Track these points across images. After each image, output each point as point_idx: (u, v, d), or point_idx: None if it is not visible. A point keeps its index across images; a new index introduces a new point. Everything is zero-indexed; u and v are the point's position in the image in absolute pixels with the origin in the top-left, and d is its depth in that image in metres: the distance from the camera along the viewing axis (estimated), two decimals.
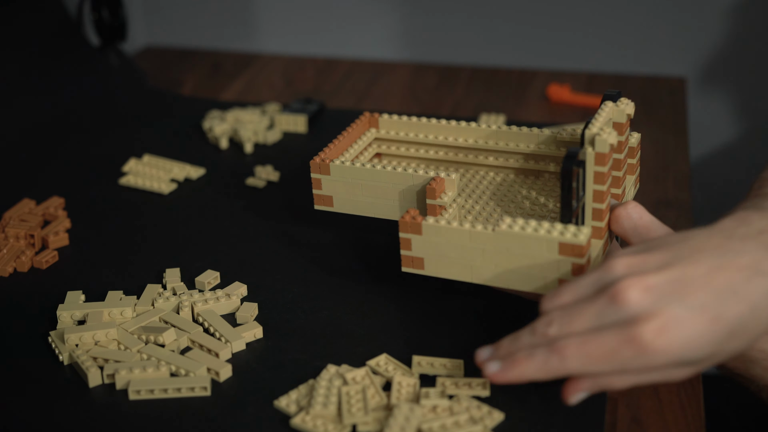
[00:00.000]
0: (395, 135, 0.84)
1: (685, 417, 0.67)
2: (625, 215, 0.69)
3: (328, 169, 0.78)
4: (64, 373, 0.70)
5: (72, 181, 1.00)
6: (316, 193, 0.80)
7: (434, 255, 0.70)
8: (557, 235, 0.65)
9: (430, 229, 0.69)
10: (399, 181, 0.76)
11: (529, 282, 0.68)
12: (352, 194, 0.78)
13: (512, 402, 0.66)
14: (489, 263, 0.68)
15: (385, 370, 0.68)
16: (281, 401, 0.66)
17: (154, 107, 1.19)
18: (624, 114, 0.72)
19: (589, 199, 0.68)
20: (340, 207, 0.79)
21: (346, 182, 0.78)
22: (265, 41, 1.49)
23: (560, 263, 0.66)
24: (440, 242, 0.69)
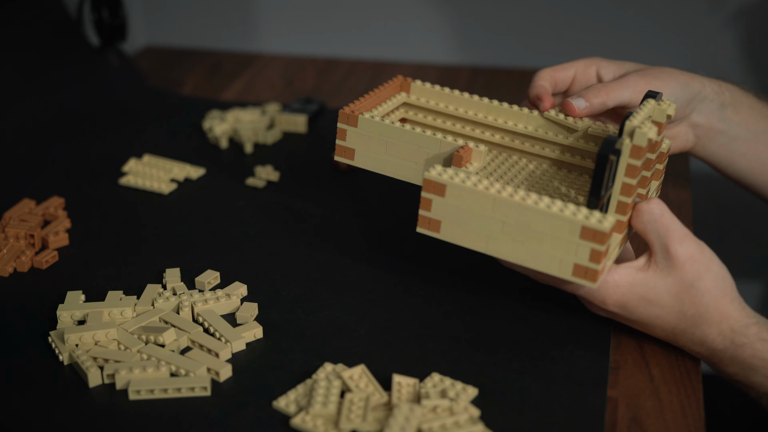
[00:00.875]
0: (425, 103, 0.83)
1: (685, 417, 0.67)
2: (647, 210, 0.69)
3: (356, 120, 0.76)
4: (64, 373, 0.70)
5: (72, 181, 1.00)
6: (339, 144, 0.78)
7: (453, 219, 0.69)
8: (582, 218, 0.65)
9: (454, 190, 0.68)
10: (426, 144, 0.75)
11: (544, 262, 0.67)
12: (375, 151, 0.77)
13: (512, 402, 0.66)
14: (506, 236, 0.67)
15: (355, 386, 0.67)
16: (280, 402, 0.66)
17: (154, 107, 1.19)
18: (665, 114, 0.71)
19: (616, 191, 0.68)
20: (361, 162, 0.78)
21: (372, 137, 0.76)
22: (265, 41, 1.49)
23: (579, 247, 0.65)
24: (462, 206, 0.68)
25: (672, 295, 0.68)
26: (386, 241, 0.87)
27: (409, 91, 0.84)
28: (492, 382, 0.68)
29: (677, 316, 0.69)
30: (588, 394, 0.67)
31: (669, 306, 0.69)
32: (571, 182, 0.78)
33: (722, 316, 0.68)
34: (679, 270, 0.68)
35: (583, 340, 0.73)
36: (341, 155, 0.78)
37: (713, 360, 0.70)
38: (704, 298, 0.68)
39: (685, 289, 0.68)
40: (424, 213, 0.70)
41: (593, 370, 0.70)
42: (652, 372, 0.71)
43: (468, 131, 0.82)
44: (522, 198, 0.66)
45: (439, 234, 0.70)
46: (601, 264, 0.65)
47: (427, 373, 0.69)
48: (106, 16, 1.20)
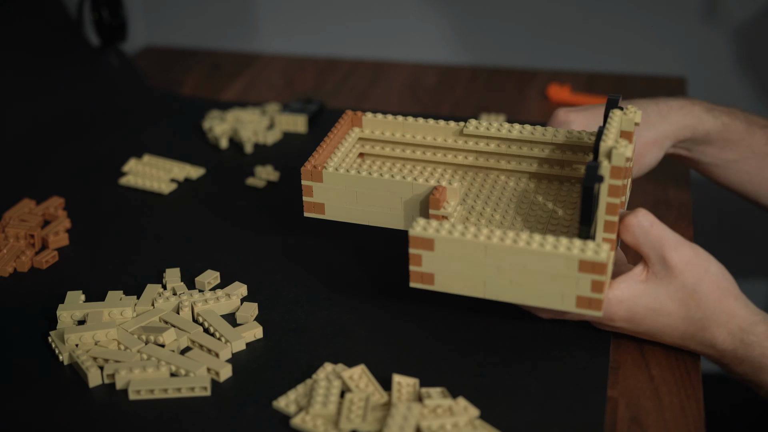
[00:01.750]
0: (380, 135, 0.82)
1: (685, 417, 0.67)
2: (635, 224, 0.68)
3: (320, 175, 0.75)
4: (64, 373, 0.70)
5: (72, 181, 1.00)
6: (307, 201, 0.77)
7: (445, 271, 0.68)
8: (578, 252, 0.64)
9: (443, 242, 0.66)
10: (397, 189, 0.74)
11: (546, 299, 0.66)
12: (346, 202, 0.76)
13: (512, 402, 0.66)
14: (504, 279, 0.66)
15: (355, 386, 0.67)
16: (280, 402, 0.66)
17: (154, 107, 1.19)
18: (632, 123, 0.71)
19: (602, 212, 0.67)
20: (333, 215, 0.77)
21: (339, 189, 0.75)
22: (265, 41, 1.49)
23: (580, 280, 0.64)
24: (453, 257, 0.67)
25: (676, 301, 0.68)
26: (386, 241, 0.87)
27: (361, 125, 0.82)
28: (492, 382, 0.68)
29: (685, 322, 0.69)
30: (588, 394, 0.67)
31: (675, 313, 0.69)
32: (554, 195, 0.78)
33: (729, 315, 0.68)
34: (678, 276, 0.68)
35: (583, 340, 0.73)
36: (311, 211, 0.77)
37: (723, 361, 0.70)
38: (708, 300, 0.68)
39: (688, 294, 0.68)
40: (415, 269, 0.68)
41: (593, 370, 0.70)
42: (652, 372, 0.71)
43: (432, 157, 0.81)
44: (513, 240, 0.65)
45: (434, 286, 0.69)
46: (604, 293, 0.65)
47: (427, 373, 0.69)
48: (106, 15, 1.20)
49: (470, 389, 0.67)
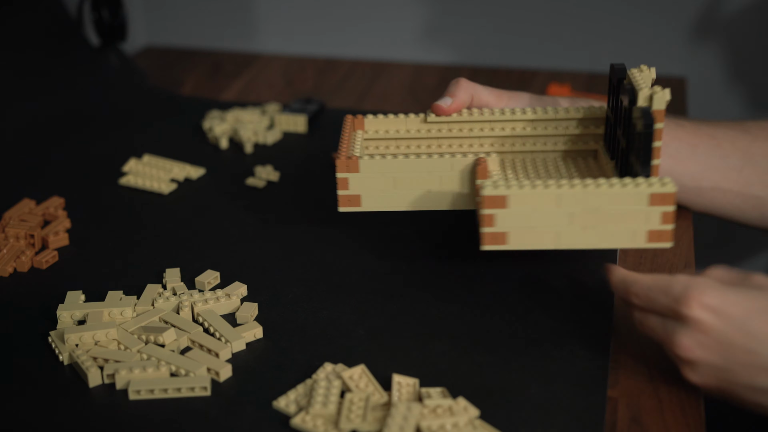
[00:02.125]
0: (384, 133, 0.83)
1: (685, 417, 0.67)
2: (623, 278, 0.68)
3: (357, 165, 0.75)
4: (64, 373, 0.70)
5: (72, 181, 1.00)
6: (342, 194, 0.76)
7: (519, 227, 0.69)
8: (646, 188, 0.67)
9: (517, 198, 0.68)
10: (437, 168, 0.74)
11: (617, 239, 0.69)
12: (383, 190, 0.76)
13: (512, 402, 0.66)
14: (576, 227, 0.69)
15: (355, 386, 0.67)
16: (280, 402, 0.66)
17: (154, 107, 1.19)
18: (664, 101, 0.72)
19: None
20: (371, 205, 0.76)
21: (377, 178, 0.75)
22: (265, 41, 1.49)
23: (650, 214, 0.68)
24: (527, 212, 0.69)
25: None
26: (386, 240, 0.87)
27: (363, 127, 0.83)
28: (492, 382, 0.68)
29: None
30: (588, 394, 0.67)
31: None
32: (583, 169, 0.80)
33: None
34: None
35: (583, 340, 0.73)
36: (347, 205, 0.76)
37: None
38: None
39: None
40: (487, 230, 0.69)
41: (593, 370, 0.70)
42: (652, 372, 0.71)
43: (434, 148, 0.82)
44: (584, 185, 0.68)
45: (506, 245, 0.70)
46: (673, 223, 0.68)
47: (427, 373, 0.69)
48: (106, 16, 1.20)
49: (470, 389, 0.67)
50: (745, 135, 0.85)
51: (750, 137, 0.85)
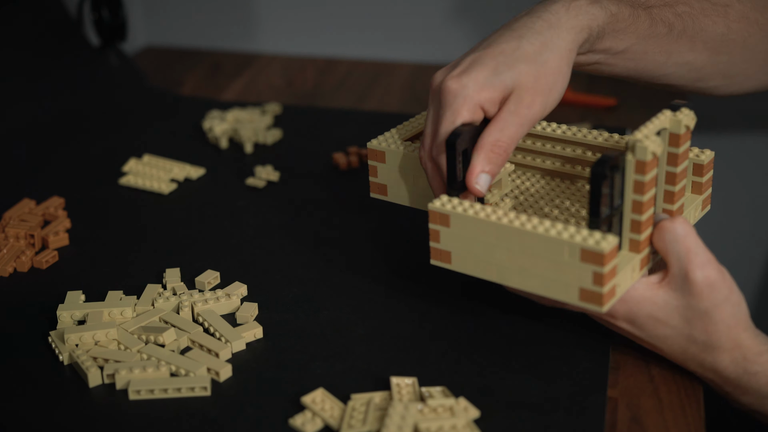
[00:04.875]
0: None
1: (685, 417, 0.67)
2: (669, 229, 0.65)
3: (384, 156, 0.75)
4: (64, 373, 0.70)
5: (72, 181, 1.00)
6: (372, 181, 0.78)
7: (461, 250, 0.67)
8: (580, 240, 0.62)
9: (458, 219, 0.66)
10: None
11: (552, 289, 0.64)
12: (405, 184, 0.76)
13: (512, 402, 0.66)
14: (514, 264, 0.65)
15: (321, 409, 0.65)
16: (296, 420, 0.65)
17: (154, 107, 1.19)
18: (681, 125, 0.67)
19: (627, 209, 0.65)
20: (394, 197, 0.77)
21: (401, 171, 0.75)
22: (265, 41, 1.48)
23: (582, 271, 0.62)
24: (468, 236, 0.66)
25: (683, 318, 0.66)
26: (386, 240, 0.87)
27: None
28: (492, 382, 0.68)
29: (687, 339, 0.67)
30: (588, 394, 0.67)
31: (678, 328, 0.66)
32: (580, 196, 0.76)
33: (734, 344, 0.66)
34: (696, 296, 0.65)
35: (583, 340, 0.73)
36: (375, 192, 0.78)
37: (726, 388, 0.68)
38: (717, 327, 0.66)
39: (698, 315, 0.66)
40: (434, 245, 0.68)
41: (593, 370, 0.70)
42: (652, 372, 0.71)
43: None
44: (521, 223, 0.64)
45: (450, 265, 0.68)
46: (605, 287, 0.62)
47: (427, 373, 0.69)
48: (106, 16, 1.20)
49: (470, 389, 0.67)
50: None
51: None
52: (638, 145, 0.63)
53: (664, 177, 0.69)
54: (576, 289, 0.63)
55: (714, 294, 0.65)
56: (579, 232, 0.62)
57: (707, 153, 0.73)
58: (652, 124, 0.65)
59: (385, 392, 0.67)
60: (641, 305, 0.66)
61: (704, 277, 0.64)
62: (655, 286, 0.66)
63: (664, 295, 0.66)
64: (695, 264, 0.64)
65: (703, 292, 0.65)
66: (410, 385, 0.67)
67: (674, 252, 0.65)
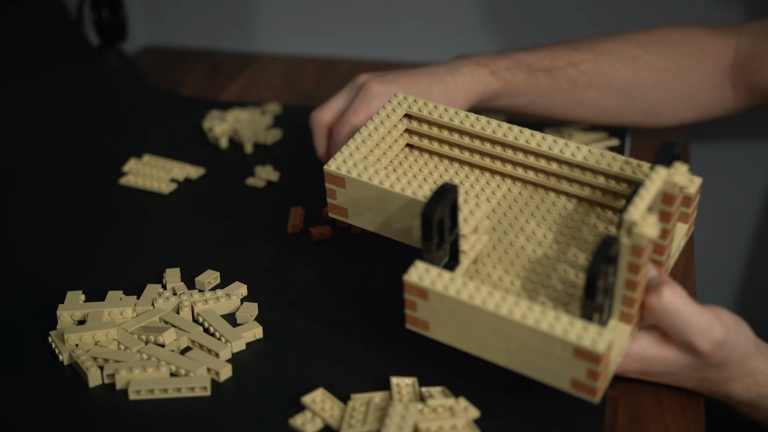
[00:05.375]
0: (428, 130, 0.77)
1: (685, 417, 0.67)
2: (659, 308, 0.63)
3: (343, 182, 0.72)
4: (64, 373, 0.70)
5: (72, 181, 1.00)
6: (331, 203, 0.74)
7: (440, 322, 0.64)
8: (575, 338, 0.59)
9: (437, 297, 0.63)
10: (413, 209, 0.69)
11: (541, 373, 0.62)
12: (361, 208, 0.72)
13: (512, 402, 0.66)
14: (499, 344, 0.62)
15: (321, 409, 0.66)
16: (296, 420, 0.65)
17: (154, 107, 1.19)
18: (675, 186, 0.64)
19: (620, 285, 0.62)
20: (353, 220, 0.74)
21: (354, 196, 0.72)
22: (265, 41, 1.48)
23: (575, 365, 0.60)
24: (447, 312, 0.63)
25: (695, 369, 0.65)
26: (386, 240, 0.87)
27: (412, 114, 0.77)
28: (492, 382, 0.68)
29: (699, 381, 0.67)
30: None
31: (690, 375, 0.66)
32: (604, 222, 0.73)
33: (746, 372, 0.66)
34: (706, 357, 0.64)
35: None
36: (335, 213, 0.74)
37: (738, 408, 0.69)
38: (731, 367, 0.65)
39: (710, 366, 0.65)
40: (410, 313, 0.65)
41: None
42: None
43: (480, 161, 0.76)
44: (509, 310, 0.61)
45: (429, 333, 0.65)
46: (599, 381, 0.60)
47: (427, 373, 0.69)
48: (106, 16, 1.20)
49: (470, 389, 0.67)
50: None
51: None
52: (635, 230, 0.60)
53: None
54: (567, 379, 0.61)
55: (724, 349, 0.64)
56: (572, 325, 0.60)
57: (695, 182, 0.70)
58: (649, 194, 0.62)
59: (385, 392, 0.67)
60: (650, 364, 0.66)
61: (710, 343, 0.63)
62: (661, 345, 0.65)
63: (673, 356, 0.65)
64: (697, 335, 0.63)
65: (714, 354, 0.64)
66: (410, 385, 0.67)
67: (672, 327, 0.63)
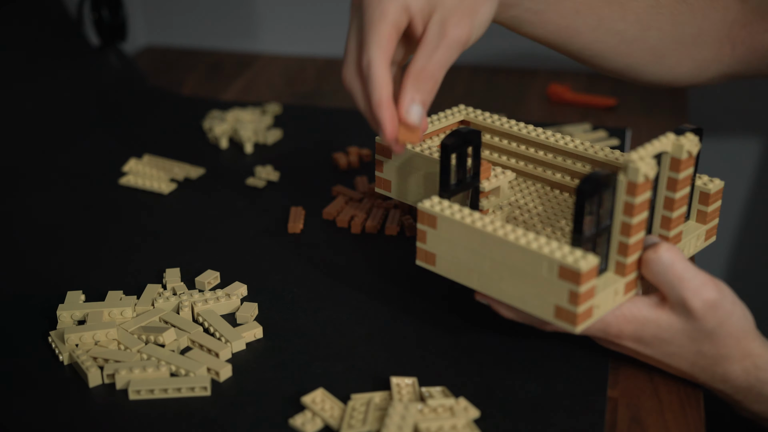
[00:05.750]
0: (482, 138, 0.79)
1: (685, 417, 0.67)
2: (655, 260, 0.63)
3: (389, 153, 0.77)
4: (64, 373, 0.70)
5: (72, 181, 1.00)
6: (378, 176, 0.79)
7: (446, 253, 0.66)
8: (559, 256, 0.60)
9: (444, 222, 0.65)
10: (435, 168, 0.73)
11: (528, 303, 0.63)
12: (405, 181, 0.76)
13: (512, 402, 0.66)
14: (495, 274, 0.64)
15: (321, 409, 0.66)
16: (296, 420, 0.65)
17: (154, 107, 1.19)
18: (683, 150, 0.64)
19: (616, 231, 0.63)
20: (395, 194, 0.78)
21: (400, 167, 0.76)
22: (265, 41, 1.49)
23: (559, 288, 0.61)
24: (453, 240, 0.65)
25: (689, 338, 0.65)
26: (387, 240, 0.87)
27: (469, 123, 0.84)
28: (492, 382, 0.68)
29: (695, 355, 0.66)
30: (588, 394, 0.67)
31: (686, 346, 0.66)
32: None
33: (745, 353, 0.65)
34: (699, 320, 0.64)
35: (583, 340, 0.73)
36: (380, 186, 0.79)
37: (737, 398, 0.68)
38: (726, 340, 0.65)
39: (704, 335, 0.65)
40: (420, 245, 0.68)
41: (593, 370, 0.70)
42: (652, 372, 0.71)
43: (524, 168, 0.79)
44: (505, 233, 0.62)
45: (434, 267, 0.68)
46: (580, 307, 0.60)
47: (427, 373, 0.69)
48: (106, 16, 1.20)
49: (470, 389, 0.67)
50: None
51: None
52: (630, 165, 0.60)
53: (663, 202, 0.67)
54: (551, 306, 0.62)
55: (717, 313, 0.64)
56: (560, 248, 0.61)
57: (716, 182, 0.71)
58: (652, 146, 0.63)
59: (385, 392, 0.67)
60: (646, 326, 0.65)
61: (703, 302, 0.63)
62: (656, 308, 0.65)
63: (668, 318, 0.65)
64: (690, 291, 0.63)
65: (706, 315, 0.63)
66: (410, 385, 0.67)
67: (666, 282, 0.63)
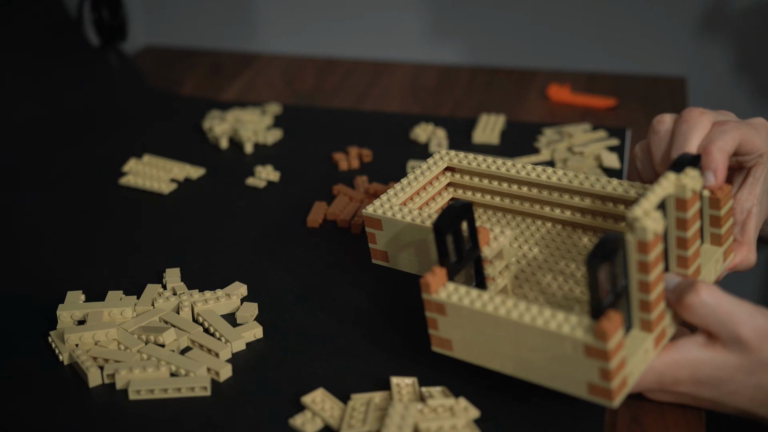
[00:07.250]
0: (469, 181, 0.78)
1: (685, 417, 0.67)
2: (700, 305, 0.61)
3: (381, 223, 0.71)
4: (64, 373, 0.70)
5: (72, 181, 1.00)
6: (372, 247, 0.74)
7: (462, 338, 0.63)
8: (581, 336, 0.57)
9: (453, 309, 0.62)
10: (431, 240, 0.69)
11: (559, 381, 0.60)
12: (400, 251, 0.72)
13: (512, 402, 0.66)
14: (518, 355, 0.61)
15: (321, 409, 0.65)
16: (296, 420, 0.65)
17: (154, 107, 1.19)
18: (687, 190, 0.62)
19: (634, 289, 0.60)
20: (393, 263, 0.73)
21: (393, 238, 0.71)
22: (265, 41, 1.48)
23: (588, 365, 0.58)
24: (466, 325, 0.62)
25: (747, 372, 0.63)
26: None
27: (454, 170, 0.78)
28: (492, 382, 0.68)
29: (755, 390, 0.64)
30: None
31: (744, 381, 0.64)
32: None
33: None
34: (754, 351, 0.62)
35: None
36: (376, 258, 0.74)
37: None
38: None
39: (762, 365, 0.63)
40: (433, 332, 0.65)
41: None
42: None
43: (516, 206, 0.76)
44: (519, 314, 0.60)
45: (453, 353, 0.65)
46: (614, 381, 0.58)
47: (427, 373, 0.69)
48: (106, 15, 1.20)
49: (470, 389, 0.67)
50: None
51: None
52: (637, 225, 0.58)
53: (675, 242, 0.65)
54: (584, 384, 0.59)
55: None
56: (581, 323, 0.58)
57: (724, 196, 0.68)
58: (654, 195, 0.61)
59: (385, 392, 0.67)
60: (701, 368, 0.64)
61: (755, 331, 0.62)
62: (708, 348, 0.63)
63: (722, 357, 0.63)
64: (742, 324, 0.61)
65: (762, 345, 0.62)
66: (410, 385, 0.67)
67: (716, 322, 0.62)
